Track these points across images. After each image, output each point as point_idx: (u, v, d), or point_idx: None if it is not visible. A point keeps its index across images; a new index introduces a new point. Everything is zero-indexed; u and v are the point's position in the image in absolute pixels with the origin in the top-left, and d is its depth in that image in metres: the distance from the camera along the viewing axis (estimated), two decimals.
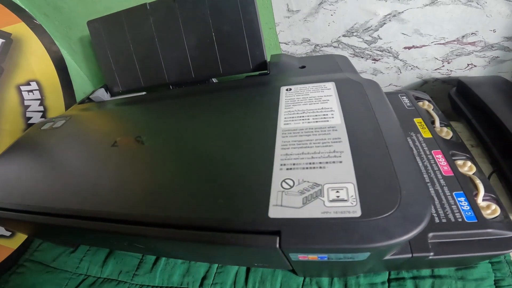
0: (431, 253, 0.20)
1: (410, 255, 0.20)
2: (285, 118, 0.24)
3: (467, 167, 0.25)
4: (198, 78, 0.37)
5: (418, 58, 0.37)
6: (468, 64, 0.36)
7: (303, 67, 0.32)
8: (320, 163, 0.19)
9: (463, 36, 0.34)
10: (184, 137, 0.26)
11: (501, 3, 0.29)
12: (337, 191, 0.17)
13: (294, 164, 0.20)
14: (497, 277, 0.24)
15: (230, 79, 0.39)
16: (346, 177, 0.18)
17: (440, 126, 0.29)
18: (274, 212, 0.17)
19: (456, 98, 0.36)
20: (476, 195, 0.23)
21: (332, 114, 0.23)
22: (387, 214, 0.16)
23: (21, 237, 0.37)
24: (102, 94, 0.41)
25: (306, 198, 0.17)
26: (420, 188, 0.17)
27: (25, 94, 0.42)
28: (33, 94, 0.43)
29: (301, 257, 0.18)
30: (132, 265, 0.32)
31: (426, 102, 0.31)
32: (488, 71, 0.36)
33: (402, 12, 0.33)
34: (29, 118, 0.43)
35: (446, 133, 0.28)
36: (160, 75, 0.38)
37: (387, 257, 0.20)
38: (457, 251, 0.21)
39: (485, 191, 0.23)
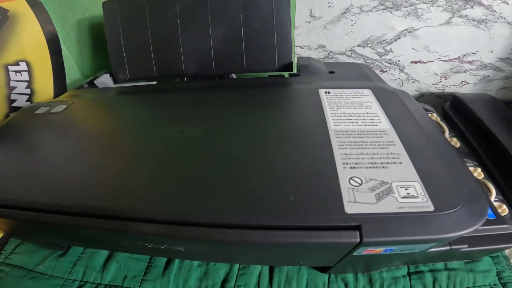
0: (466, 245, 0.22)
1: (449, 247, 0.22)
2: (333, 119, 0.25)
3: (477, 173, 0.29)
4: (218, 73, 0.37)
5: (421, 73, 0.41)
6: (462, 81, 0.41)
7: (332, 72, 0.33)
8: (382, 163, 0.21)
9: (464, 55, 0.38)
10: (234, 132, 0.25)
11: (505, 27, 0.34)
12: (406, 189, 0.19)
13: (356, 164, 0.21)
14: (498, 269, 0.28)
15: (249, 76, 0.39)
16: (410, 176, 0.19)
17: (449, 137, 0.32)
18: (350, 208, 0.18)
19: (450, 112, 0.41)
20: (490, 196, 0.27)
21: (379, 119, 0.24)
22: (457, 209, 0.17)
23: None
24: (107, 80, 0.38)
25: (378, 195, 0.19)
26: (476, 186, 0.19)
27: (12, 74, 0.37)
28: (21, 75, 0.38)
29: (367, 251, 0.19)
30: (139, 269, 0.29)
31: (434, 114, 0.35)
32: (477, 88, 0.42)
33: (418, 29, 0.36)
34: (14, 101, 0.38)
35: (455, 143, 0.31)
36: (176, 65, 0.37)
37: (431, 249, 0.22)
38: (481, 243, 0.24)
39: (495, 193, 0.27)
